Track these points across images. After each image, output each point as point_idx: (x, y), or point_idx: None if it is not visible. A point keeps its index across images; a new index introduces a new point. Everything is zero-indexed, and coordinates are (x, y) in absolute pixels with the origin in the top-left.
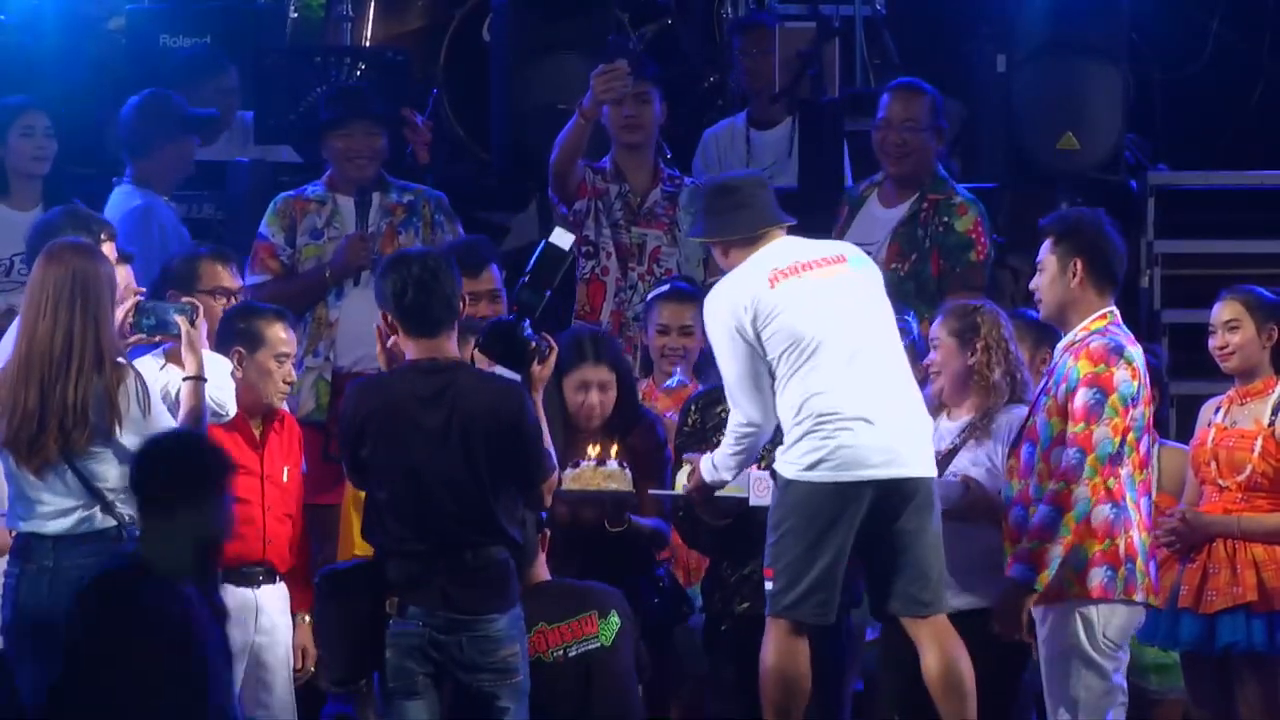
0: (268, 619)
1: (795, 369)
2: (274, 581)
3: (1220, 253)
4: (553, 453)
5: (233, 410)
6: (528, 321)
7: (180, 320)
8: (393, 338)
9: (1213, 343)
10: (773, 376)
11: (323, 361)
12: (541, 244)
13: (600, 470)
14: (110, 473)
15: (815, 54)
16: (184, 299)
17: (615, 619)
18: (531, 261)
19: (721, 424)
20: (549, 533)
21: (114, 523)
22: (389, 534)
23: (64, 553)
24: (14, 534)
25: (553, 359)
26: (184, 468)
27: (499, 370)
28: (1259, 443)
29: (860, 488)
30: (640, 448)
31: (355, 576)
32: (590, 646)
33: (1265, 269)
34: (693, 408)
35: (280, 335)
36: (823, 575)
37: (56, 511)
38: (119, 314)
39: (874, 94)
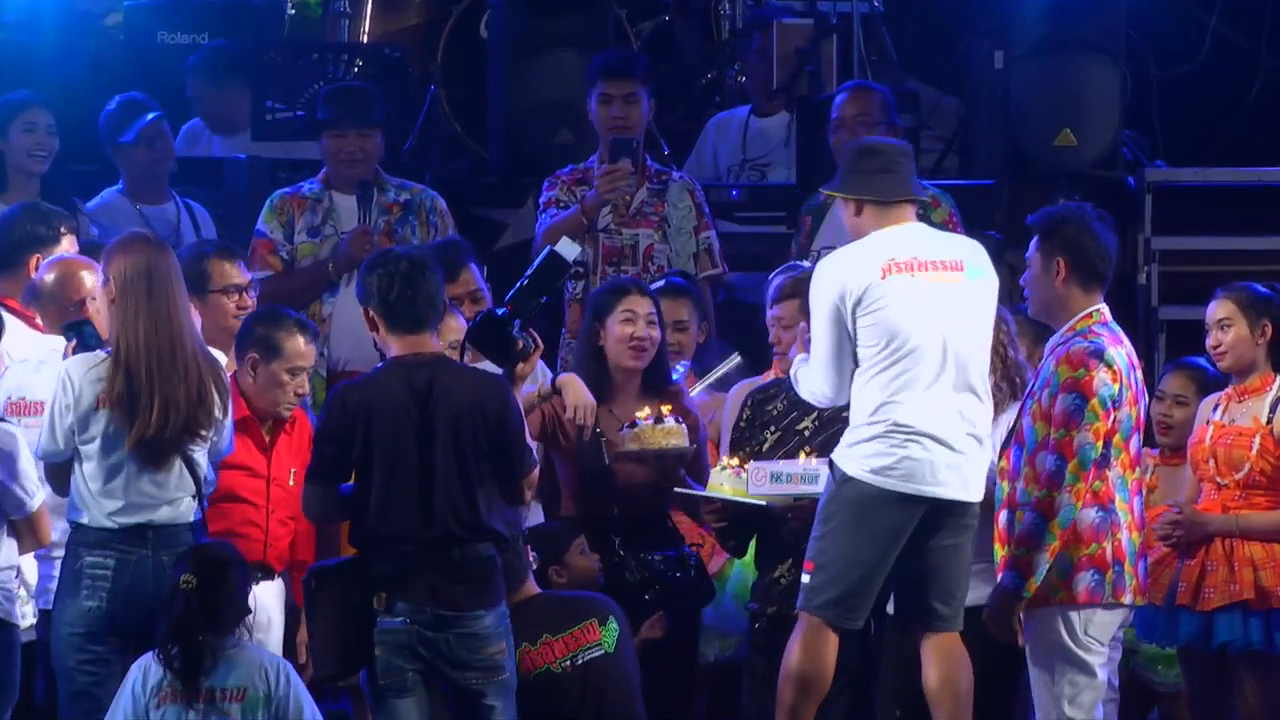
0: (264, 615)
1: (882, 368)
2: (271, 578)
3: (1218, 249)
4: (534, 448)
5: None
6: (518, 322)
7: None
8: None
9: (1207, 342)
10: (856, 363)
11: (317, 358)
12: (546, 250)
13: (659, 428)
14: (204, 462)
15: (813, 51)
16: None
17: (614, 624)
18: (533, 266)
19: (772, 421)
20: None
21: (199, 513)
22: (376, 532)
23: (163, 543)
24: (76, 526)
25: (536, 357)
26: None
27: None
28: (1257, 440)
29: (917, 502)
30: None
31: (343, 573)
32: (595, 654)
33: (1262, 265)
34: (749, 402)
35: (299, 348)
36: (861, 581)
37: (162, 503)
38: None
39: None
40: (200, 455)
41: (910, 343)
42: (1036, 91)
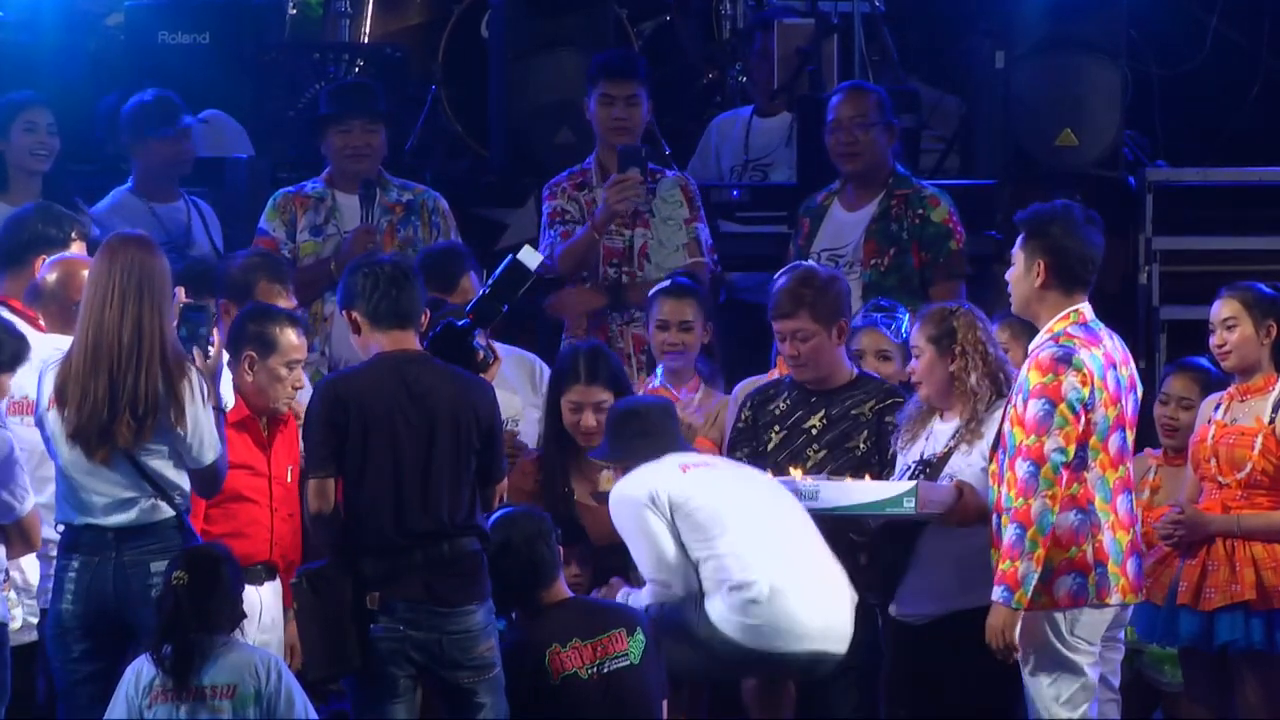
0: (269, 615)
1: (715, 545)
2: (273, 579)
3: (1219, 249)
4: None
5: (230, 403)
6: (479, 331)
7: (214, 338)
8: None
9: (1212, 341)
10: (687, 553)
11: (318, 356)
12: (509, 258)
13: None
14: (167, 466)
15: (814, 50)
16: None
17: (641, 636)
18: (495, 274)
19: (775, 420)
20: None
21: (173, 513)
22: (367, 529)
23: (126, 544)
24: (62, 528)
25: (495, 369)
26: None
27: None
28: (1259, 440)
29: (792, 658)
30: None
31: (333, 574)
32: (620, 664)
33: (1264, 265)
34: (747, 404)
35: (293, 341)
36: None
37: (116, 504)
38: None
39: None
40: (157, 459)
41: (734, 515)
42: (1037, 91)
